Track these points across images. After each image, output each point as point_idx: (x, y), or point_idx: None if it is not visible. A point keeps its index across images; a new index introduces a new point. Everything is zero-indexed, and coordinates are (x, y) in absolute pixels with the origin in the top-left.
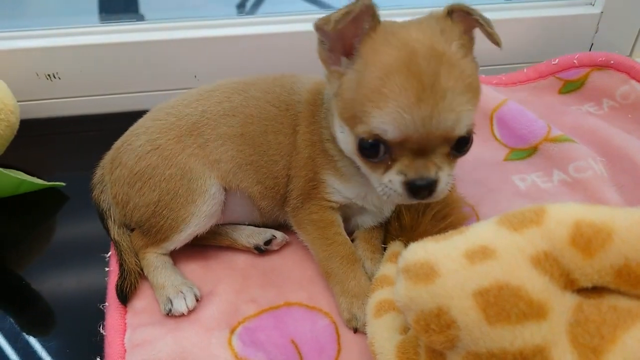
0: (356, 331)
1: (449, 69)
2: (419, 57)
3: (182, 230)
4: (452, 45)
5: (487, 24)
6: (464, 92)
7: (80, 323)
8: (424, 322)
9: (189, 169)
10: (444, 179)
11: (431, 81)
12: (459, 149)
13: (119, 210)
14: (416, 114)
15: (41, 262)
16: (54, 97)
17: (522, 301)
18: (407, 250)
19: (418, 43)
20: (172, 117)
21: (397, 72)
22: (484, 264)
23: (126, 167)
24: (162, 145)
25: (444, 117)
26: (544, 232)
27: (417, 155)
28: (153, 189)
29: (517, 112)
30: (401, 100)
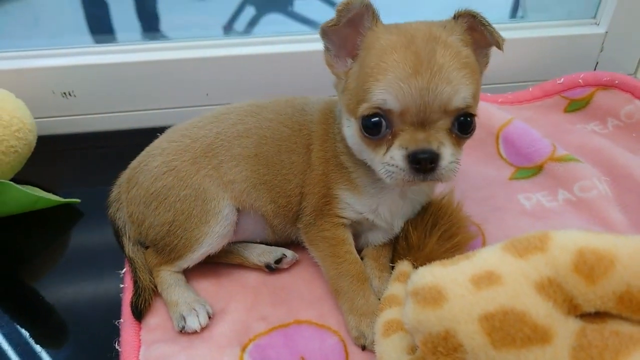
0: (364, 349)
1: (445, 48)
2: (418, 39)
3: (195, 250)
4: (451, 35)
5: (489, 24)
6: (459, 68)
7: (94, 339)
8: (431, 344)
9: (203, 190)
10: (446, 155)
11: (428, 57)
12: (461, 129)
13: (134, 229)
14: (413, 84)
15: (55, 276)
16: (70, 114)
17: (526, 326)
18: (416, 274)
19: (417, 31)
20: (187, 139)
21: (395, 50)
22: (489, 289)
23: (142, 187)
24: (177, 167)
25: (440, 89)
26: (548, 259)
27: (417, 128)
28: (168, 209)
29: (522, 131)
30: (398, 72)
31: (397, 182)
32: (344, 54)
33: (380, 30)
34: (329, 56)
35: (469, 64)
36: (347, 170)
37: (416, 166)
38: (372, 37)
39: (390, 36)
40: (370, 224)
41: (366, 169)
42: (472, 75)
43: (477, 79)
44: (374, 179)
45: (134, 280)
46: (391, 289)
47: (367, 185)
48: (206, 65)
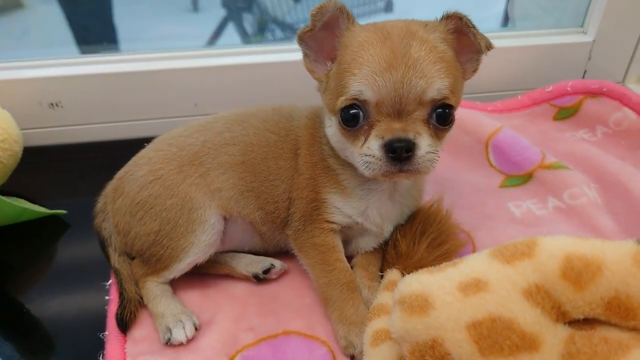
0: (353, 359)
1: (420, 43)
2: (394, 35)
3: (181, 260)
4: (430, 33)
5: (474, 27)
6: (434, 62)
7: (79, 352)
8: (419, 353)
9: (189, 198)
10: (423, 144)
11: (403, 51)
12: (439, 120)
13: (120, 239)
14: (388, 77)
15: (42, 289)
16: (56, 125)
17: (514, 334)
18: (402, 282)
19: (394, 28)
20: (173, 148)
21: (371, 45)
22: (477, 296)
23: (128, 196)
24: (163, 176)
25: (414, 82)
26: (535, 265)
27: (394, 119)
28: (154, 219)
29: (512, 139)
30: (374, 66)
31: (376, 173)
32: (323, 57)
33: (357, 30)
34: (308, 62)
35: (444, 59)
36: (335, 173)
37: (392, 155)
38: (349, 36)
39: (366, 33)
40: (360, 228)
41: (353, 170)
42: (447, 69)
43: (454, 74)
44: (362, 180)
45: (120, 292)
46: (380, 298)
47: (355, 187)
48: (194, 75)
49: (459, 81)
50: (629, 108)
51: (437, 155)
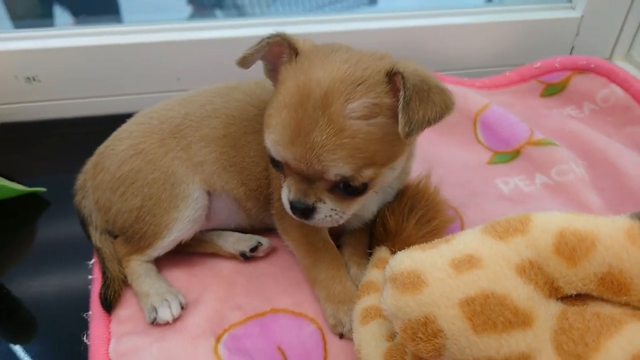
0: (342, 337)
1: (327, 124)
2: (310, 101)
3: (165, 237)
4: (354, 100)
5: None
6: (334, 149)
7: (63, 332)
8: (411, 330)
9: (171, 172)
10: (323, 209)
11: (307, 130)
12: (346, 190)
13: (101, 216)
14: (290, 151)
15: (22, 269)
16: (34, 100)
17: (507, 310)
18: (394, 259)
19: (317, 86)
20: (155, 121)
21: (284, 108)
22: (470, 273)
23: (109, 171)
24: (145, 149)
25: (312, 163)
26: (528, 241)
27: (302, 179)
28: (136, 194)
29: (500, 116)
30: (279, 137)
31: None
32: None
33: (291, 71)
34: (266, 71)
35: (352, 143)
36: None
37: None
38: (284, 75)
39: (291, 85)
40: None
41: None
42: (352, 154)
43: (363, 156)
44: None
45: (102, 271)
46: (369, 275)
47: None
48: (177, 49)
49: (390, 148)
50: (616, 84)
51: (345, 215)
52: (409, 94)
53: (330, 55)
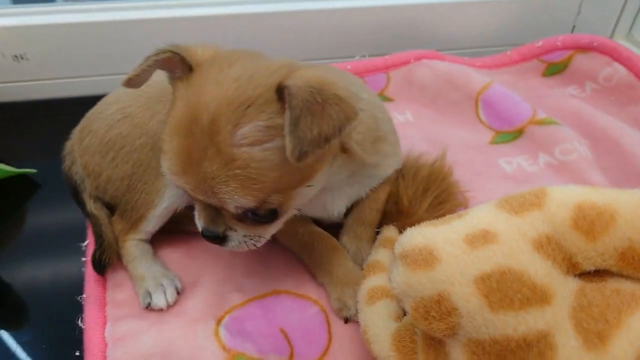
0: (347, 321)
1: (215, 154)
2: (198, 127)
3: (157, 205)
4: (244, 125)
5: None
6: (226, 181)
7: (56, 317)
8: (423, 309)
9: (158, 137)
10: (235, 237)
11: (197, 158)
12: (256, 218)
13: (91, 182)
14: (183, 181)
15: (12, 253)
16: (22, 79)
17: (525, 286)
18: (404, 236)
19: (205, 110)
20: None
21: (175, 134)
22: (485, 248)
23: (97, 135)
24: (132, 114)
25: (208, 194)
26: (545, 215)
27: (208, 206)
28: (126, 161)
29: (502, 95)
30: (171, 166)
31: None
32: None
33: (183, 89)
34: (170, 79)
35: (244, 174)
36: None
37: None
38: (177, 93)
39: (181, 107)
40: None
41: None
42: (247, 186)
43: (260, 187)
44: None
45: (98, 236)
46: (375, 255)
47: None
48: (168, 26)
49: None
50: (619, 63)
51: (263, 238)
52: (296, 113)
53: (224, 70)
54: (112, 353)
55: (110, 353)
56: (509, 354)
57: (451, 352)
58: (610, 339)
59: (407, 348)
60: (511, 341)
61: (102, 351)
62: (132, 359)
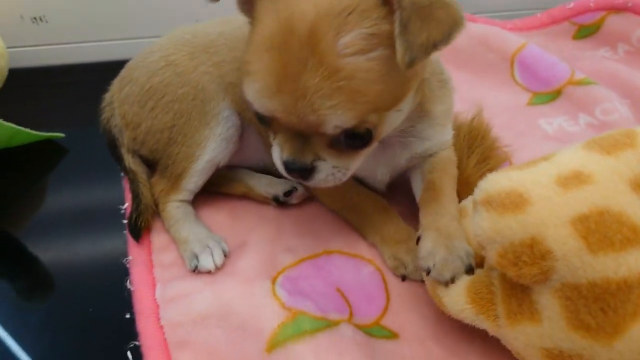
0: (404, 279)
1: (317, 65)
2: (294, 38)
3: (199, 158)
4: (346, 33)
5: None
6: (329, 95)
7: (101, 280)
8: (512, 254)
9: (202, 88)
10: (323, 168)
11: (295, 72)
12: (348, 142)
13: (128, 133)
14: (277, 102)
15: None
16: (42, 43)
17: (625, 227)
18: (486, 181)
19: (301, 20)
20: (188, 35)
21: (265, 51)
22: (580, 189)
23: (137, 83)
24: (175, 61)
25: (304, 115)
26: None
27: (295, 135)
28: (166, 111)
29: (538, 56)
30: (262, 86)
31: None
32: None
33: (269, 4)
34: (239, 2)
35: (350, 85)
36: None
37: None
38: (259, 10)
39: (271, 21)
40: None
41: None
42: (352, 99)
43: (365, 100)
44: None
45: (135, 194)
46: None
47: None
48: None
49: (394, 86)
50: None
51: (349, 172)
52: (406, 14)
53: None
54: (165, 314)
55: (163, 314)
56: (609, 297)
57: (540, 300)
58: None
59: (485, 299)
60: (611, 283)
61: (155, 312)
62: (188, 319)
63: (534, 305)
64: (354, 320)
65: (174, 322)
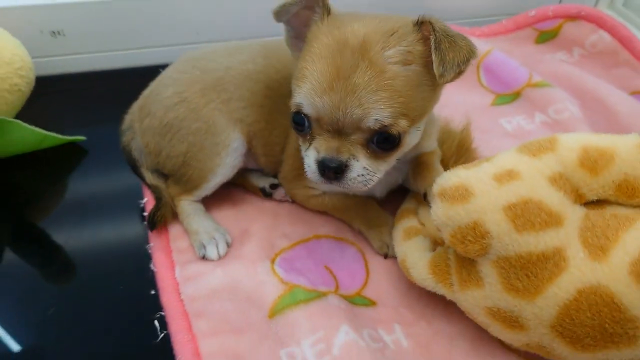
0: (386, 257)
1: (368, 66)
2: (347, 47)
3: (210, 180)
4: (390, 47)
5: (439, 45)
6: (376, 90)
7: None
8: (460, 235)
9: (213, 123)
10: (356, 167)
11: (347, 73)
12: (380, 145)
13: (151, 159)
14: (326, 100)
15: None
16: (60, 54)
17: (543, 212)
18: (441, 178)
19: (353, 35)
20: (197, 71)
21: (321, 58)
22: (510, 184)
23: (156, 117)
24: (188, 98)
25: (350, 109)
26: (557, 157)
27: (334, 136)
28: (182, 141)
29: (501, 61)
30: (315, 85)
31: (313, 179)
32: (302, 36)
33: (324, 27)
34: (288, 37)
35: (392, 85)
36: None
37: (323, 171)
38: (315, 32)
39: (325, 39)
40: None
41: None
42: (392, 97)
43: (408, 97)
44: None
45: (158, 199)
46: (406, 204)
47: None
48: (196, 1)
49: (421, 99)
50: (604, 30)
51: (376, 175)
52: (439, 37)
53: (359, 15)
54: (185, 290)
55: (183, 290)
56: (532, 266)
57: (482, 269)
58: (610, 251)
59: (442, 271)
60: (532, 255)
61: (176, 289)
62: (204, 293)
63: (479, 274)
64: (339, 291)
65: (192, 296)
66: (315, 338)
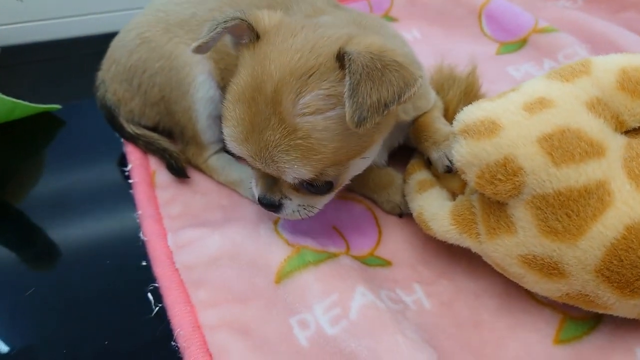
0: (401, 216)
1: (278, 124)
2: (262, 96)
3: (196, 119)
4: (306, 94)
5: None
6: (287, 150)
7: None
8: (489, 174)
9: (174, 57)
10: (289, 206)
11: (260, 127)
12: (311, 188)
13: (122, 107)
14: (246, 149)
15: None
16: (24, 20)
17: (583, 141)
18: (463, 113)
19: (269, 79)
20: (161, 13)
21: (238, 102)
22: (543, 112)
23: (120, 63)
24: (149, 37)
25: (268, 163)
26: (593, 80)
27: (266, 174)
28: (152, 85)
29: (504, 7)
30: (234, 133)
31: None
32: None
33: (249, 58)
34: (232, 43)
35: (305, 145)
36: None
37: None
38: (242, 61)
39: (246, 76)
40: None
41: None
42: (307, 156)
43: (320, 157)
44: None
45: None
46: (415, 158)
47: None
48: None
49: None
50: None
51: (316, 208)
52: (356, 78)
53: (288, 40)
54: (180, 258)
55: (177, 258)
56: (572, 203)
57: (514, 213)
58: None
59: (467, 220)
60: (574, 191)
61: (169, 257)
62: (200, 261)
63: (510, 218)
64: (350, 252)
65: (188, 264)
66: (329, 302)
